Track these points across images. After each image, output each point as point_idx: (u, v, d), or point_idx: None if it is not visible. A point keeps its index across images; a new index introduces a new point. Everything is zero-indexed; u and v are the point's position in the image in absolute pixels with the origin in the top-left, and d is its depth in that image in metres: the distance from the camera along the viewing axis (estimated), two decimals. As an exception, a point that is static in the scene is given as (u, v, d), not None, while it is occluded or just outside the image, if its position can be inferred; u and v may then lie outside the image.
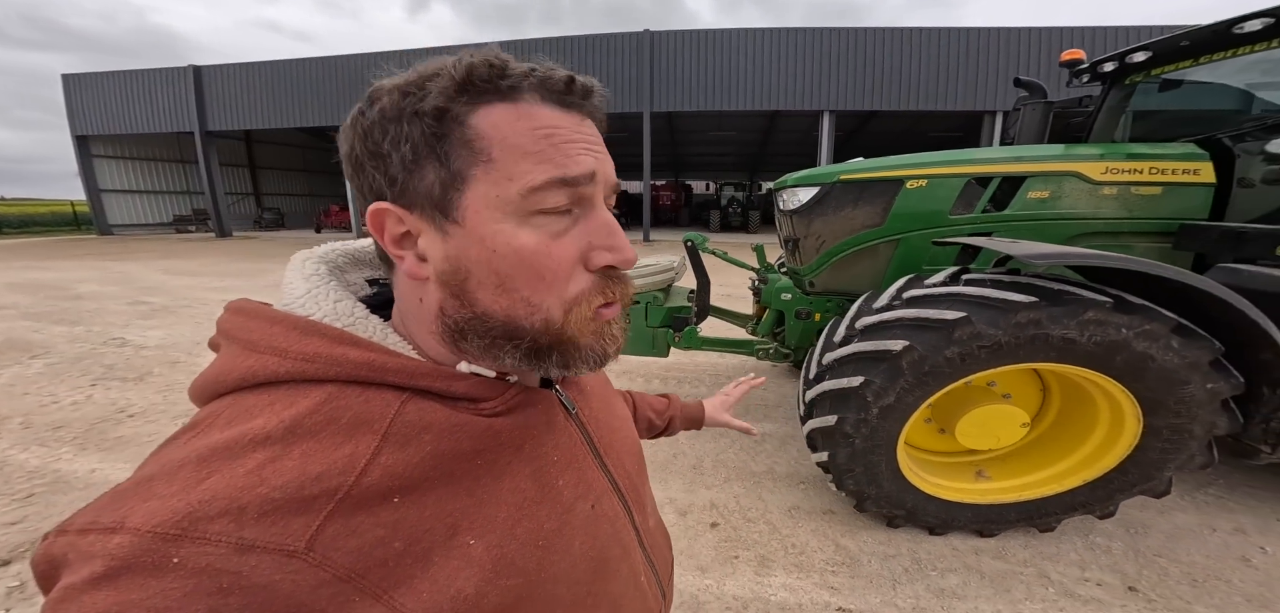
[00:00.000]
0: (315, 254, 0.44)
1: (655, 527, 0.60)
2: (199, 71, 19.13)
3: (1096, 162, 2.15)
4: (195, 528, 0.27)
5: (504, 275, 0.36)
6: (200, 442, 0.32)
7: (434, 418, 0.36)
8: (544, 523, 0.40)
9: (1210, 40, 2.14)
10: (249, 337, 0.37)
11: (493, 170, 0.35)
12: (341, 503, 0.31)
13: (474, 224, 0.35)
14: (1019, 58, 13.54)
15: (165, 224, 24.03)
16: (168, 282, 8.74)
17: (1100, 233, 2.24)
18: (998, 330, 1.57)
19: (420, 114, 0.34)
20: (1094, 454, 1.85)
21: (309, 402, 0.33)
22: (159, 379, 3.93)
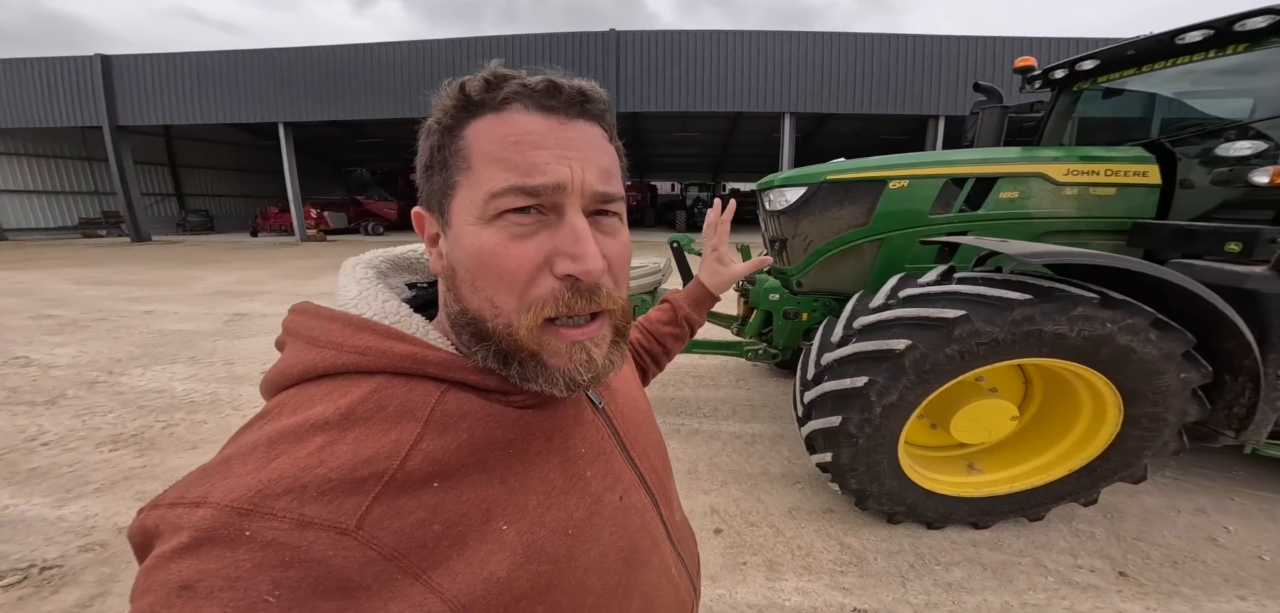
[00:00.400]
0: (363, 260, 0.48)
1: (681, 522, 0.61)
2: (108, 61, 17.19)
3: (1059, 163, 2.29)
4: (264, 504, 0.30)
5: (474, 273, 0.38)
6: (271, 427, 0.35)
7: (470, 408, 0.39)
8: (573, 512, 0.41)
9: (1154, 50, 2.32)
10: (311, 333, 0.40)
11: (470, 177, 0.38)
12: (388, 486, 0.33)
13: (456, 226, 0.39)
14: (959, 65, 14.51)
15: (70, 228, 21.43)
16: (77, 292, 7.74)
17: (1063, 230, 2.38)
18: (995, 327, 1.61)
19: (436, 129, 0.39)
20: (1078, 444, 1.95)
21: (361, 391, 0.36)
22: (74, 401, 3.45)
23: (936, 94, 14.68)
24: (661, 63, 15.31)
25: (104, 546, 2.03)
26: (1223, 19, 2.02)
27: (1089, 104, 2.87)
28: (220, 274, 9.83)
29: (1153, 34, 2.31)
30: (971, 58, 14.42)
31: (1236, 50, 2.09)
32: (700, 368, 4.10)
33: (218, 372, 4.12)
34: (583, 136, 0.39)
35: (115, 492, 2.40)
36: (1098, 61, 2.59)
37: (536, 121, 0.37)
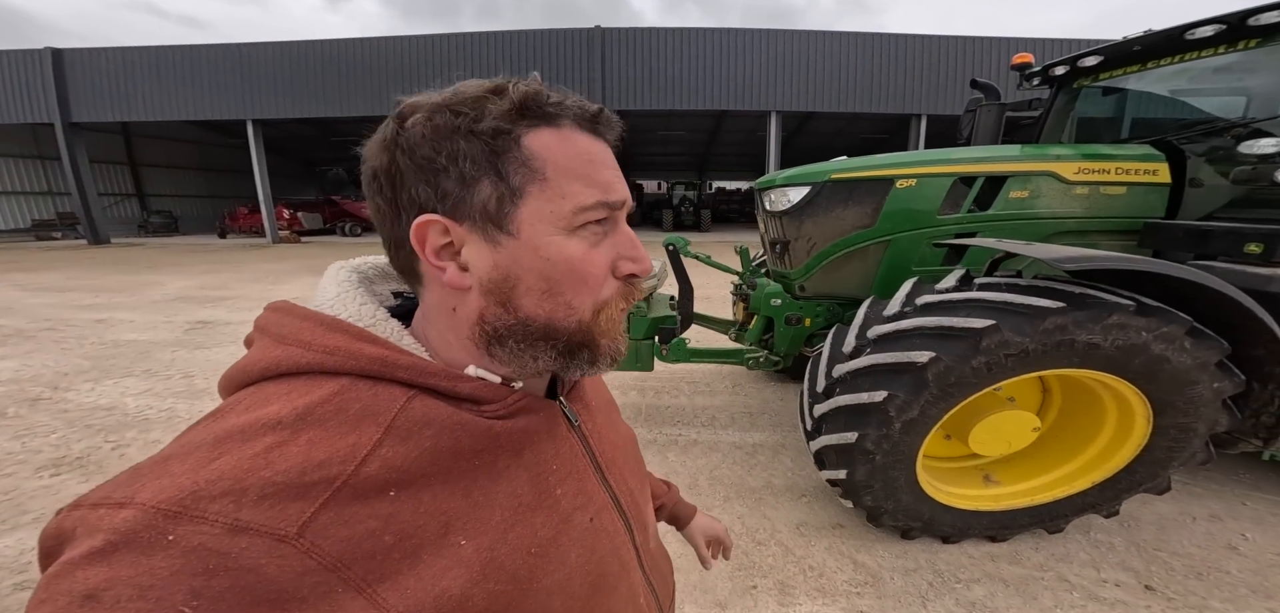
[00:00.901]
0: (350, 265, 0.47)
1: (657, 550, 0.61)
2: (59, 55, 16.24)
3: (1070, 162, 2.22)
4: (196, 506, 0.28)
5: (553, 281, 0.40)
6: (219, 425, 0.33)
7: (437, 415, 0.37)
8: (539, 530, 0.40)
9: (1162, 45, 2.27)
10: (280, 330, 0.39)
11: (546, 188, 0.38)
12: (339, 492, 0.31)
13: (528, 235, 0.39)
14: (941, 65, 14.76)
15: (22, 230, 20.21)
16: (24, 300, 7.20)
17: (1072, 231, 2.31)
18: (1025, 337, 1.51)
19: (478, 133, 0.37)
20: (1102, 455, 1.87)
21: (323, 392, 0.35)
22: (14, 421, 3.12)
23: (919, 93, 14.89)
24: (647, 61, 15.18)
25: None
26: (1235, 14, 1.97)
27: (1088, 102, 2.82)
28: (182, 278, 9.30)
29: (1159, 29, 2.25)
30: (953, 57, 14.68)
31: (1248, 46, 2.05)
32: (695, 375, 3.97)
33: (175, 385, 3.81)
34: (614, 158, 0.43)
35: (53, 526, 2.15)
36: (1101, 58, 2.53)
37: (595, 143, 0.41)
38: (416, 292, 0.43)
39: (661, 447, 2.85)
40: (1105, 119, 2.81)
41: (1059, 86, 2.92)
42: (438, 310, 0.42)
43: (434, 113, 0.37)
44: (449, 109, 0.37)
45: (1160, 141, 2.32)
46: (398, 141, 0.37)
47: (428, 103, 0.38)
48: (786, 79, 15.05)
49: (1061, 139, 2.91)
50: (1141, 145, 2.32)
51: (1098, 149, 2.30)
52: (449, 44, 15.49)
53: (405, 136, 0.37)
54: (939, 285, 1.81)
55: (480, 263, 0.39)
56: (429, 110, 0.37)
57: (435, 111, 0.37)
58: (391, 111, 0.39)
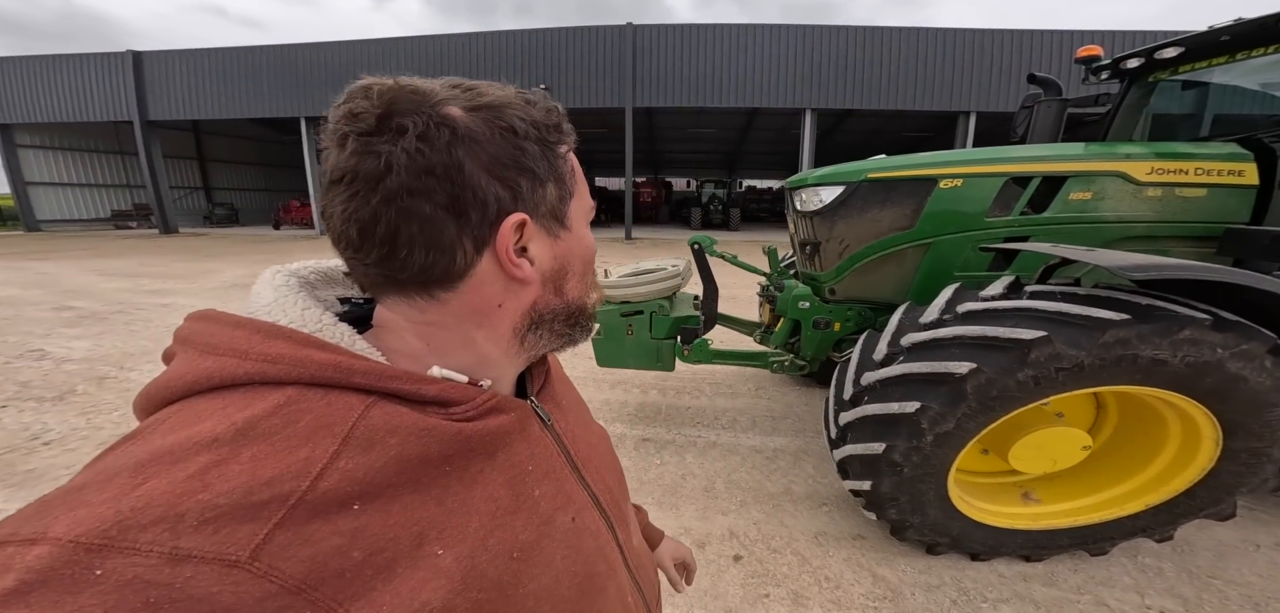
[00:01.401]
0: (287, 269, 0.44)
1: (639, 548, 0.60)
2: (139, 57, 17.69)
3: (1142, 161, 2.02)
4: (124, 537, 0.26)
5: (586, 264, 0.47)
6: (140, 448, 0.30)
7: (401, 422, 0.35)
8: (520, 534, 0.39)
9: (1255, 35, 2.03)
10: (208, 340, 0.35)
11: (578, 189, 0.45)
12: (294, 510, 0.29)
13: (577, 229, 0.45)
14: (992, 59, 13.93)
15: (103, 219, 22.16)
16: (98, 284, 7.88)
17: (1140, 236, 2.12)
18: (1080, 351, 1.38)
19: (545, 141, 0.41)
20: (1160, 477, 1.72)
21: (267, 404, 0.32)
22: (82, 399, 3.41)
23: (968, 89, 14.12)
24: (678, 58, 15.05)
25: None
26: None
27: (1165, 97, 2.57)
28: (238, 267, 9.96)
29: (1250, 18, 2.02)
30: (1006, 52, 13.82)
31: None
32: (717, 376, 3.90)
33: (227, 368, 4.08)
34: None
35: (113, 495, 2.33)
36: (1182, 49, 2.30)
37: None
38: (400, 299, 0.40)
39: (680, 448, 2.81)
40: (1182, 116, 2.55)
41: (1131, 80, 2.68)
42: (465, 314, 0.40)
43: (495, 114, 0.37)
44: (511, 113, 0.38)
45: (1248, 140, 2.08)
46: (458, 137, 0.35)
47: (478, 102, 0.37)
48: (823, 75, 14.59)
49: (1132, 137, 2.67)
50: (1226, 143, 2.09)
51: (1175, 147, 2.09)
52: (485, 42, 15.88)
53: (468, 133, 0.36)
54: (984, 292, 1.69)
55: (543, 255, 0.42)
56: (486, 110, 0.37)
57: (495, 113, 0.37)
58: (373, 99, 0.35)
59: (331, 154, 0.35)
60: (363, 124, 0.34)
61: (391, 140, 0.34)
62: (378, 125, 0.34)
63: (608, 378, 3.79)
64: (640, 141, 22.23)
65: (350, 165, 0.34)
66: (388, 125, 0.34)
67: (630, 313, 2.69)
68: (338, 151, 0.35)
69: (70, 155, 21.30)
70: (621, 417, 3.20)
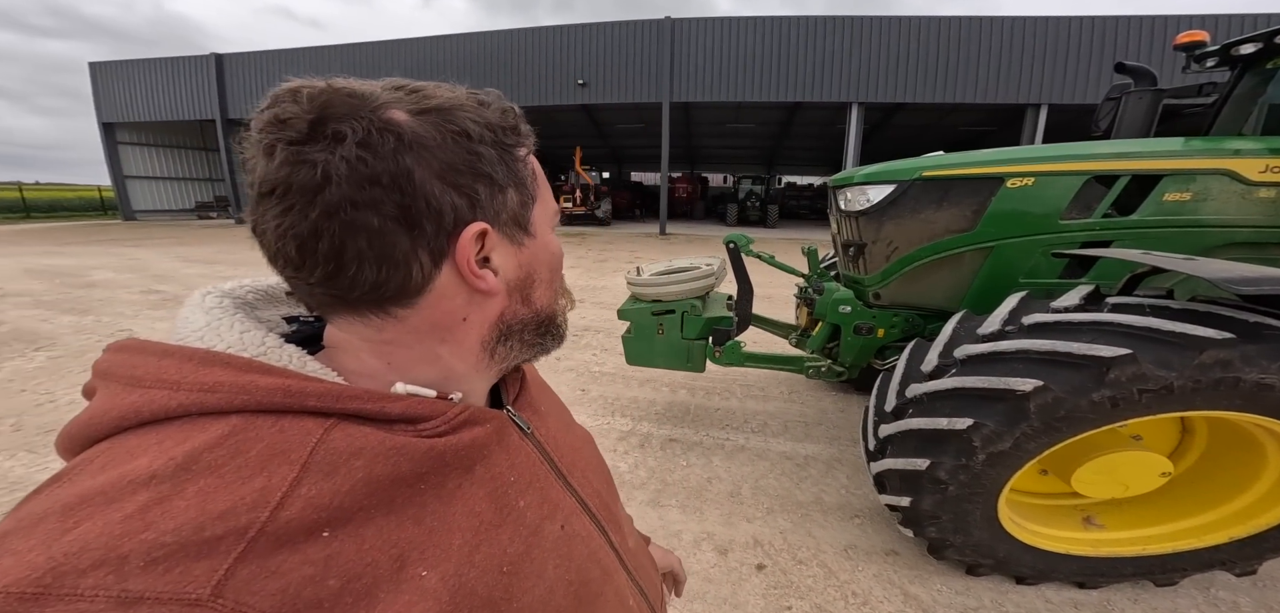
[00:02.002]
0: (218, 289, 0.40)
1: (637, 548, 0.59)
2: (221, 59, 19.28)
3: (1255, 157, 1.77)
4: (61, 583, 0.24)
5: (553, 271, 0.45)
6: (65, 491, 0.28)
7: (366, 442, 0.33)
8: (507, 547, 0.38)
9: None
10: (132, 373, 0.32)
11: (540, 193, 0.43)
12: (255, 542, 0.28)
13: (541, 234, 0.43)
14: (1065, 48, 12.77)
15: (188, 210, 24.40)
16: (181, 269, 8.68)
17: (1246, 243, 1.86)
18: (1170, 372, 1.22)
19: (502, 144, 0.39)
20: (1250, 509, 1.55)
21: (207, 436, 0.30)
22: (162, 376, 3.74)
23: (1037, 80, 13.01)
24: (717, 51, 14.75)
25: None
26: None
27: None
28: (300, 256, 10.67)
29: None
30: (1084, 39, 12.61)
31: None
32: (748, 378, 3.79)
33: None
34: None
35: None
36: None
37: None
38: (353, 318, 0.37)
39: (707, 450, 2.74)
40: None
41: (1245, 68, 2.36)
42: (427, 330, 0.38)
43: (445, 118, 0.35)
44: (464, 115, 0.36)
45: None
46: (405, 143, 0.33)
47: (427, 105, 0.35)
48: (871, 68, 13.87)
49: (1242, 131, 2.35)
50: None
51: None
52: (525, 38, 16.18)
53: (416, 139, 0.33)
54: (1057, 303, 1.53)
55: (507, 265, 0.40)
56: (434, 113, 0.34)
57: (444, 116, 0.35)
58: (303, 103, 0.32)
59: (258, 165, 0.32)
60: (292, 131, 0.31)
61: (327, 148, 0.31)
62: (310, 132, 0.31)
63: (636, 376, 3.76)
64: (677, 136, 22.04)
65: (281, 177, 0.31)
66: (322, 132, 0.31)
67: (661, 312, 2.64)
68: (265, 161, 0.32)
69: (162, 151, 23.55)
70: (649, 415, 3.16)
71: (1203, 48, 2.39)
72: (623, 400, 3.39)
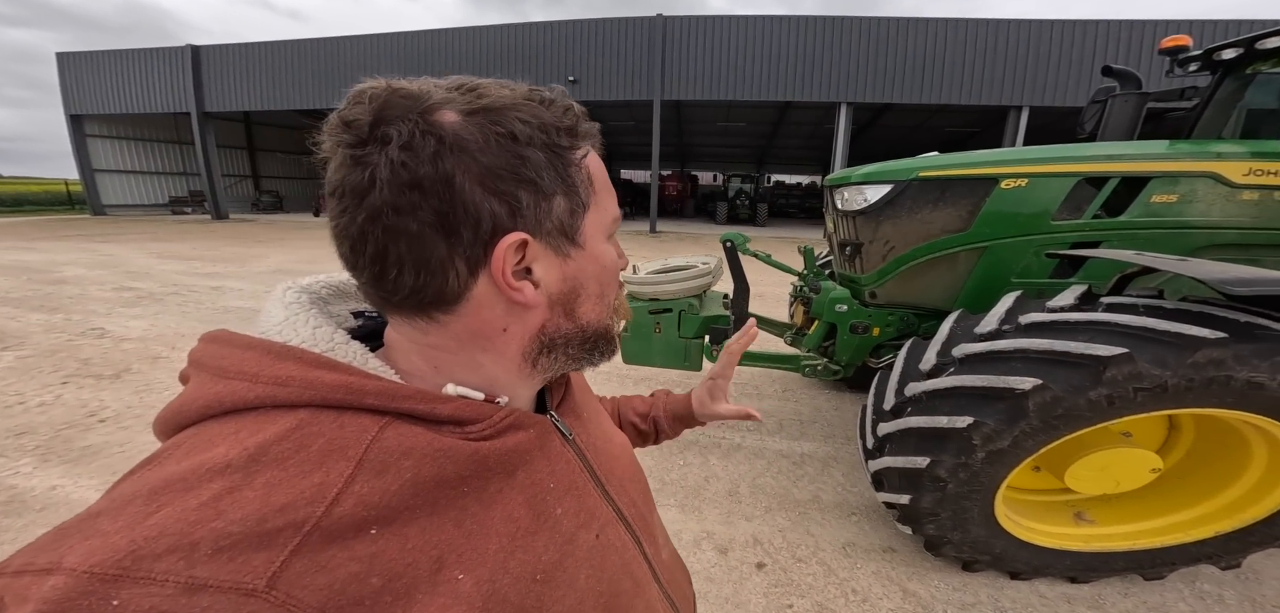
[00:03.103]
0: (297, 285, 0.43)
1: (670, 560, 0.58)
2: (197, 51, 18.67)
3: (1239, 160, 1.82)
4: (139, 567, 0.26)
5: (604, 284, 0.43)
6: (154, 474, 0.30)
7: (415, 443, 0.34)
8: (541, 555, 0.38)
9: None
10: (219, 364, 0.35)
11: (596, 201, 0.41)
12: (309, 536, 0.29)
13: (591, 246, 0.41)
14: (1048, 51, 13.06)
15: (161, 205, 23.64)
16: (156, 266, 8.40)
17: (1231, 245, 1.91)
18: (1166, 371, 1.24)
19: (552, 147, 0.36)
20: (1239, 503, 1.59)
21: (278, 428, 0.32)
22: (137, 377, 3.61)
23: (1020, 82, 13.29)
24: (708, 50, 14.77)
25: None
26: None
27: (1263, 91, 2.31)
28: (283, 253, 10.42)
29: None
30: (1065, 43, 12.91)
31: None
32: (743, 376, 3.80)
33: (268, 350, 4.25)
34: None
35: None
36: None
37: (599, 162, 0.42)
38: (401, 319, 0.38)
39: (703, 449, 2.74)
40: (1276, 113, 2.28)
41: (1225, 73, 2.43)
42: (468, 338, 0.38)
43: (492, 119, 0.34)
44: (513, 116, 0.34)
45: None
46: (447, 146, 0.32)
47: (475, 105, 0.34)
48: (860, 69, 14.03)
49: (1221, 135, 2.42)
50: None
51: (1278, 147, 1.87)
52: (514, 34, 16.01)
53: (458, 142, 0.33)
54: (1052, 302, 1.55)
55: (550, 277, 0.38)
56: (483, 114, 0.34)
57: (493, 117, 0.34)
58: (366, 104, 0.32)
59: (329, 165, 0.34)
60: (353, 134, 0.32)
61: (376, 150, 0.32)
62: (368, 134, 0.32)
63: (632, 375, 3.74)
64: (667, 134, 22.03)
65: (338, 179, 0.33)
66: (375, 134, 0.32)
67: (659, 311, 2.63)
68: (332, 163, 0.33)
69: (133, 145, 22.76)
70: (646, 415, 3.15)
71: (1186, 52, 2.45)
72: (618, 400, 3.37)
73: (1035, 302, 1.62)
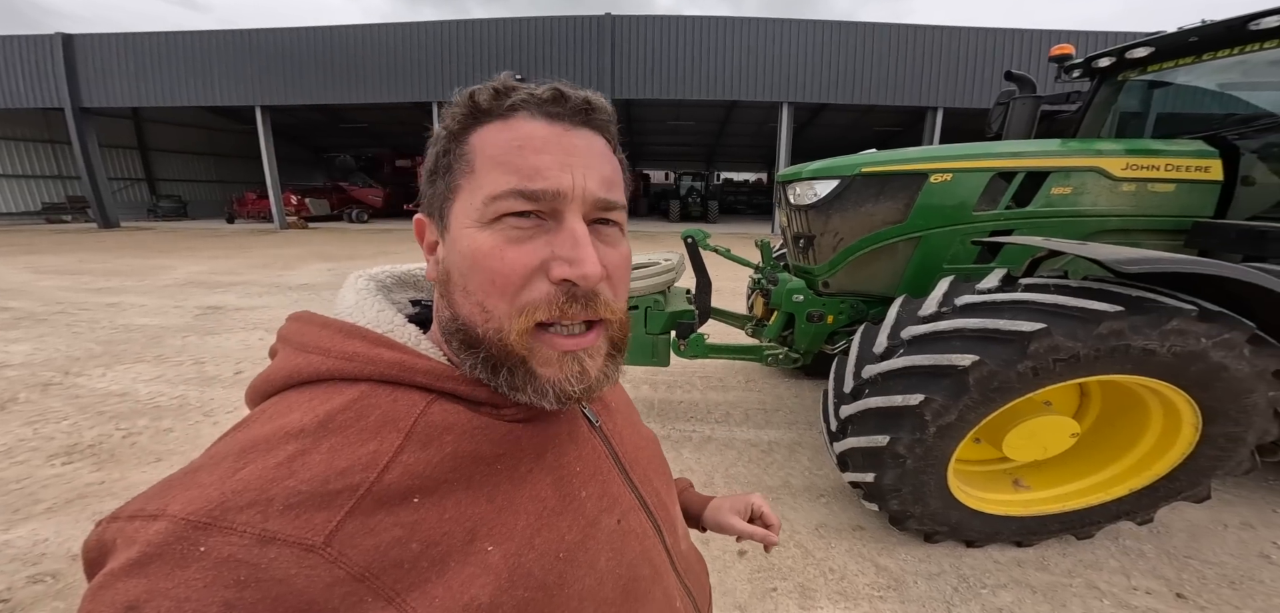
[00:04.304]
0: (366, 273, 0.47)
1: (689, 551, 0.59)
2: (69, 40, 16.23)
3: (1118, 157, 2.12)
4: (225, 517, 0.28)
5: (467, 277, 0.38)
6: (243, 435, 0.34)
7: (457, 420, 0.37)
8: (565, 534, 0.39)
9: (1223, 36, 2.15)
10: (301, 339, 0.39)
11: (472, 180, 0.37)
12: (362, 500, 0.31)
13: (455, 229, 0.38)
14: (959, 57, 14.41)
15: (34, 213, 20.39)
16: (35, 282, 7.25)
17: (1116, 230, 2.22)
18: (1078, 343, 1.43)
19: (438, 137, 0.40)
20: (1142, 462, 1.81)
21: (343, 399, 0.35)
22: (27, 407, 3.12)
23: (936, 85, 14.57)
24: (657, 49, 14.93)
25: (56, 576, 1.78)
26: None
27: (1130, 96, 2.70)
28: (192, 263, 9.32)
29: (1218, 20, 2.13)
30: (973, 48, 14.31)
31: None
32: (707, 369, 3.92)
33: (186, 372, 3.80)
34: (586, 145, 0.39)
35: (69, 511, 2.12)
36: (1151, 49, 2.41)
37: (541, 128, 0.37)
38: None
39: (676, 443, 2.80)
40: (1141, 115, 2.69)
41: (1102, 79, 2.80)
42: (435, 308, 0.44)
43: (453, 105, 0.40)
44: (459, 102, 0.39)
45: (1212, 138, 2.21)
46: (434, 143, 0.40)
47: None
48: (799, 70, 14.77)
49: (1100, 134, 2.79)
50: (1193, 141, 2.21)
51: (1148, 144, 2.19)
52: (455, 31, 15.30)
53: (440, 131, 0.40)
54: (981, 285, 1.73)
55: (440, 258, 0.41)
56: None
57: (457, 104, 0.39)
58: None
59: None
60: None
61: None
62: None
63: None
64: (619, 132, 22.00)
65: None
66: None
67: (625, 308, 2.64)
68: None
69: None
70: (614, 414, 3.16)
71: (1070, 60, 2.82)
72: (584, 400, 3.35)
73: (966, 284, 1.79)
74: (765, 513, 0.71)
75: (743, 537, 0.69)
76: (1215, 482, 2.12)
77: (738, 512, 0.71)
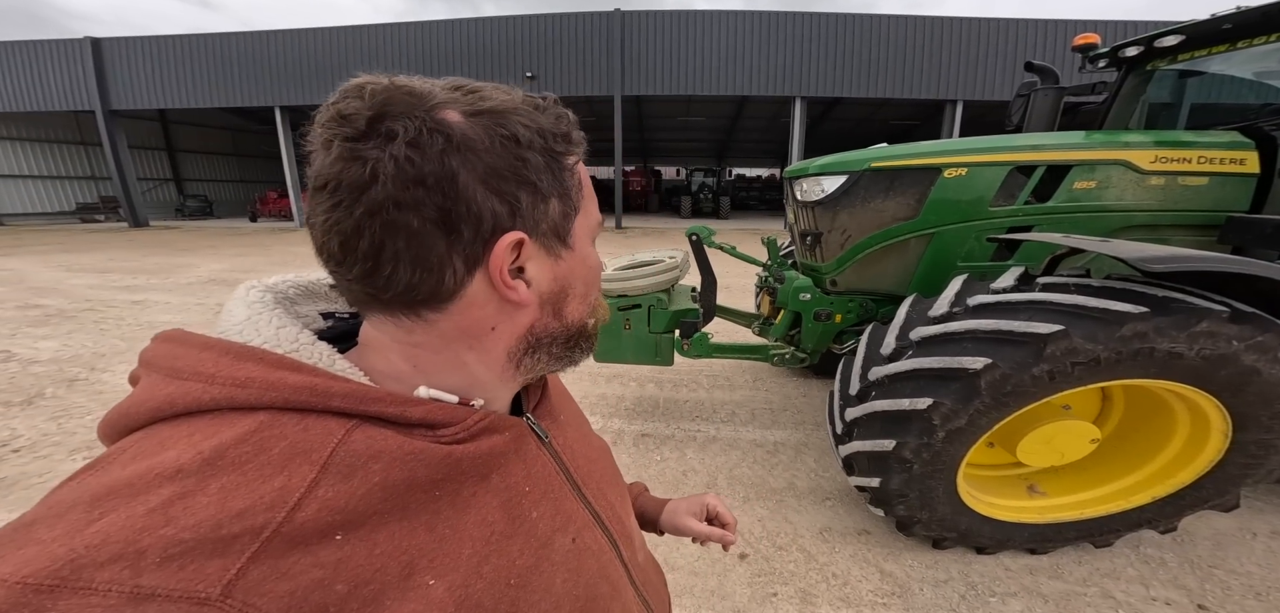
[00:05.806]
0: (262, 284, 0.42)
1: (646, 562, 0.58)
2: (98, 44, 16.81)
3: (1147, 149, 2.01)
4: (78, 577, 0.24)
5: (589, 285, 0.43)
6: (97, 480, 0.28)
7: (385, 446, 0.33)
8: (516, 559, 0.38)
9: (1258, 22, 2.02)
10: (173, 363, 0.33)
11: (584, 205, 0.42)
12: (269, 542, 0.28)
13: (580, 247, 0.42)
14: (979, 48, 13.99)
15: (68, 213, 21.21)
16: (66, 281, 7.53)
17: (1143, 225, 2.11)
18: (1098, 345, 1.36)
19: (551, 152, 0.37)
20: (1168, 469, 1.72)
21: (236, 431, 0.30)
22: (52, 402, 3.23)
23: (955, 77, 14.18)
24: (667, 45, 14.83)
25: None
26: None
27: (1160, 86, 2.57)
28: (214, 261, 9.59)
29: (1253, 5, 2.01)
30: (992, 40, 13.88)
31: None
32: (714, 368, 3.87)
33: (205, 369, 3.90)
34: None
35: (85, 507, 2.20)
36: (1182, 37, 2.28)
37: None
38: (385, 318, 0.37)
39: (680, 443, 2.77)
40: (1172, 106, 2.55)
41: (1129, 69, 2.67)
42: (455, 336, 0.38)
43: (496, 121, 0.34)
44: (515, 119, 0.35)
45: (1249, 129, 2.08)
46: (453, 145, 0.32)
47: (477, 107, 0.34)
48: (812, 63, 14.52)
49: (1128, 125, 2.67)
50: (1228, 131, 2.09)
51: (1179, 136, 2.07)
52: (467, 29, 15.44)
53: (465, 141, 0.33)
54: (995, 284, 1.66)
55: (542, 276, 0.39)
56: (487, 116, 0.34)
57: (496, 119, 0.34)
58: (365, 99, 0.31)
59: (317, 157, 0.32)
60: (351, 127, 0.31)
61: (380, 146, 0.31)
62: (367, 129, 0.31)
63: (604, 372, 3.73)
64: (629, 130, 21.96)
65: (334, 172, 0.31)
66: (377, 129, 0.31)
67: (628, 307, 2.62)
68: (323, 155, 0.32)
69: (30, 146, 20.27)
70: (619, 412, 3.14)
71: (1095, 50, 2.69)
72: (593, 398, 3.34)
73: (980, 284, 1.72)
74: (721, 513, 0.71)
75: (699, 539, 0.69)
76: (1245, 489, 2.02)
77: (694, 513, 0.71)
